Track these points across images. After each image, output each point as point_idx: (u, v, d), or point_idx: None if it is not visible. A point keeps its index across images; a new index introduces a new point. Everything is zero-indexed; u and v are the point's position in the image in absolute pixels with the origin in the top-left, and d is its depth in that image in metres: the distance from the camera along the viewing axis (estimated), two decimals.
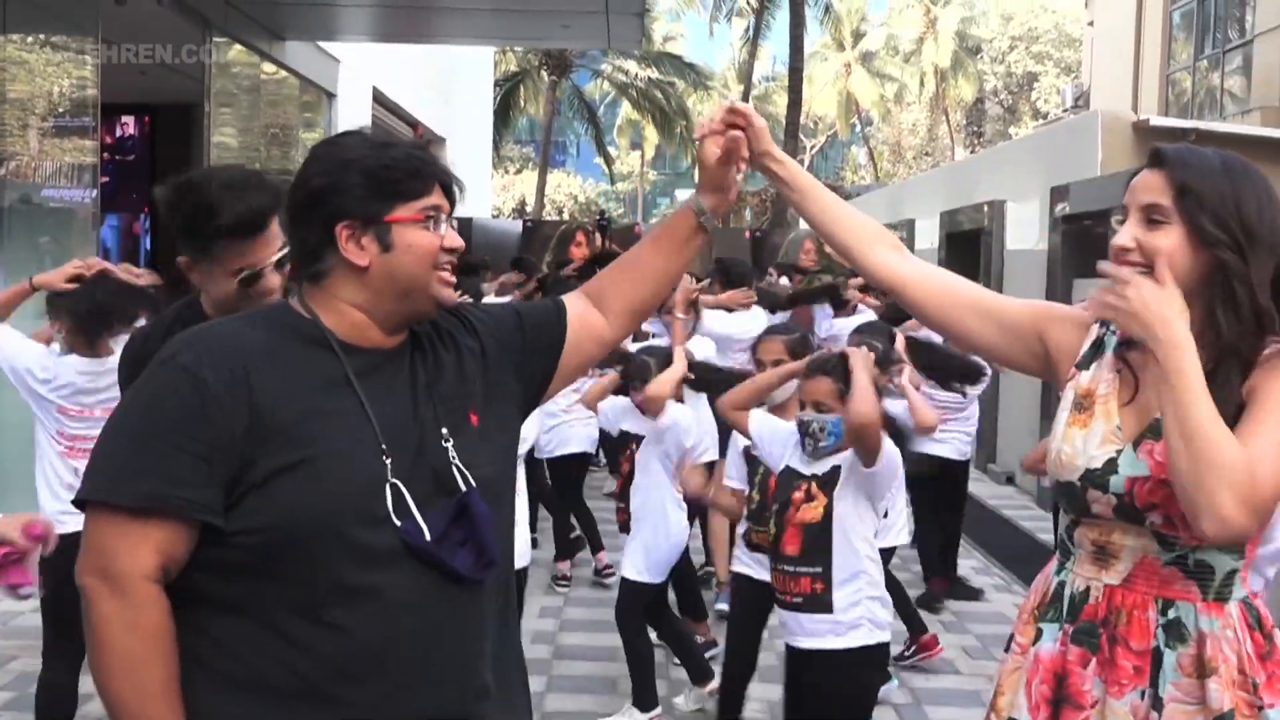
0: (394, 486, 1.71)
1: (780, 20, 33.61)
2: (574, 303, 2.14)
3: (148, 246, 13.18)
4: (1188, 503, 1.80)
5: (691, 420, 4.88)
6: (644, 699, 4.62)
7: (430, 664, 1.75)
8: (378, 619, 1.70)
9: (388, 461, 1.72)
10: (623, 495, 4.99)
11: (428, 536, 1.72)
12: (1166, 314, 1.84)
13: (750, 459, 4.23)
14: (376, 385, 1.78)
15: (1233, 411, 1.87)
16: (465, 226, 16.38)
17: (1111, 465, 1.96)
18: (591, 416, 5.74)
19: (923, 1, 43.66)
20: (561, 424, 6.56)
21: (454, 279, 1.86)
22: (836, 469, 3.46)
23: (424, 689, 1.75)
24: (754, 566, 4.18)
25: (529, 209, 37.44)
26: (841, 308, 7.10)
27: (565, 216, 38.79)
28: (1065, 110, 31.97)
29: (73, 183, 8.62)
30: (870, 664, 3.54)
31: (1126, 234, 1.98)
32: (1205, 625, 1.95)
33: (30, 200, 8.15)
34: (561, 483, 6.99)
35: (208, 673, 1.69)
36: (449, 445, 1.81)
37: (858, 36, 44.01)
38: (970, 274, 11.44)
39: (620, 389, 4.92)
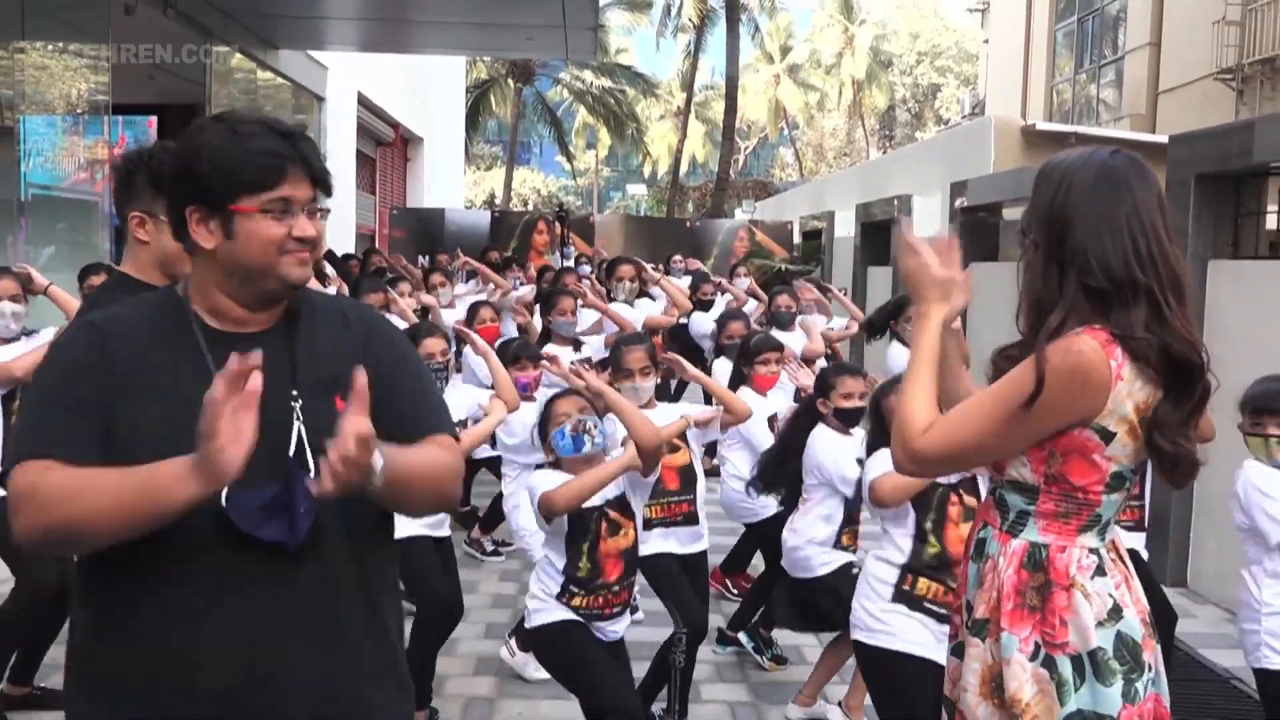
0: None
1: (718, 36, 33.51)
2: None
3: None
4: None
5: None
6: None
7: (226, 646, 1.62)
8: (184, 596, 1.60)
9: None
10: None
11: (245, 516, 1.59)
12: (928, 291, 1.99)
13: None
14: None
15: None
16: (439, 216, 16.19)
17: None
18: None
19: (841, 21, 43.60)
20: None
21: (307, 261, 1.69)
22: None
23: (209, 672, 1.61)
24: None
25: (498, 201, 37.14)
26: None
27: (530, 208, 38.54)
28: (964, 116, 32.15)
29: (87, 176, 8.44)
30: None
31: None
32: (993, 550, 2.01)
33: (49, 192, 7.97)
34: None
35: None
36: (299, 422, 1.66)
37: (785, 51, 43.87)
38: (882, 259, 11.50)
39: None
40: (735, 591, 5.53)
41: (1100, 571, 1.94)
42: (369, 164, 18.07)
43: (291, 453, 1.64)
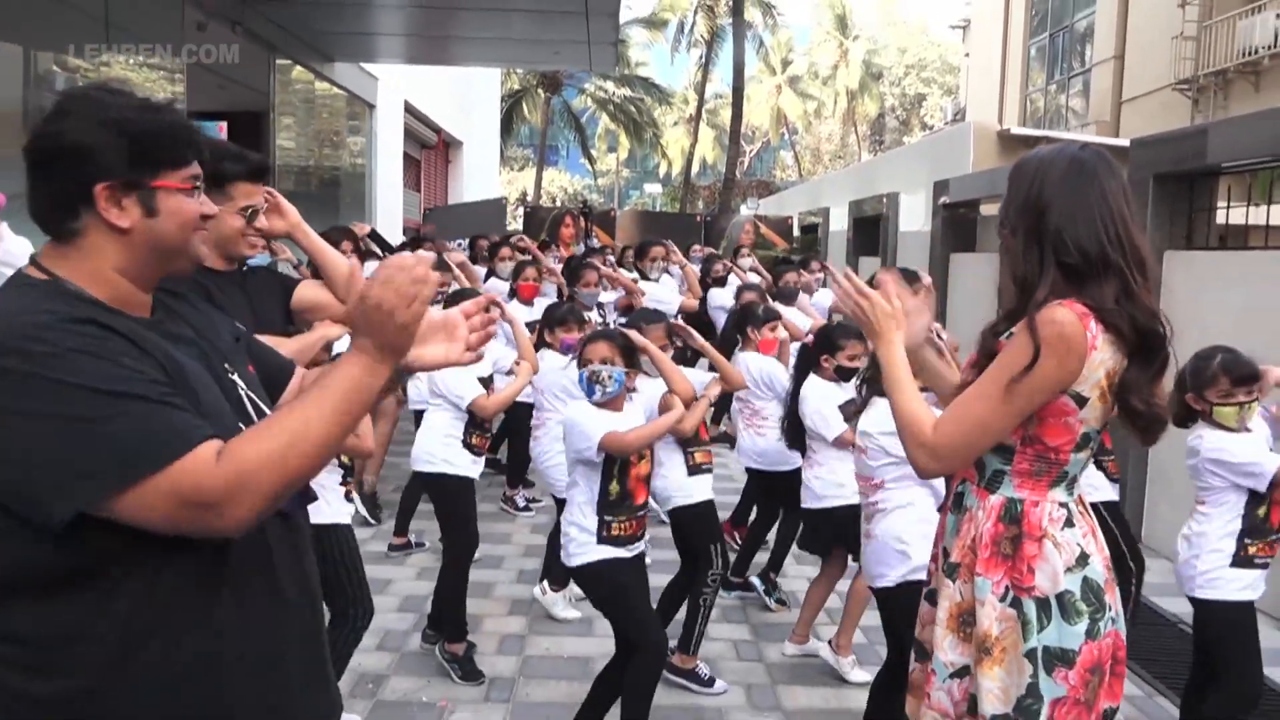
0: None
1: (726, 50, 33.28)
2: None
3: None
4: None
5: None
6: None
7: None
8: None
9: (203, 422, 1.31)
10: None
11: None
12: (884, 323, 1.99)
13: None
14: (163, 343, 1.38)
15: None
16: (460, 209, 16.12)
17: None
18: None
19: (837, 37, 43.20)
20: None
21: (207, 240, 1.55)
22: None
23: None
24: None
25: (529, 198, 37.09)
26: None
27: (557, 204, 38.48)
28: (946, 122, 31.91)
29: None
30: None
31: None
32: (971, 503, 2.01)
33: None
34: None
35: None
36: (235, 377, 1.49)
37: (786, 64, 43.52)
38: (871, 250, 11.40)
39: None
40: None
41: (1069, 523, 1.96)
42: (414, 165, 18.06)
43: (256, 417, 1.46)
